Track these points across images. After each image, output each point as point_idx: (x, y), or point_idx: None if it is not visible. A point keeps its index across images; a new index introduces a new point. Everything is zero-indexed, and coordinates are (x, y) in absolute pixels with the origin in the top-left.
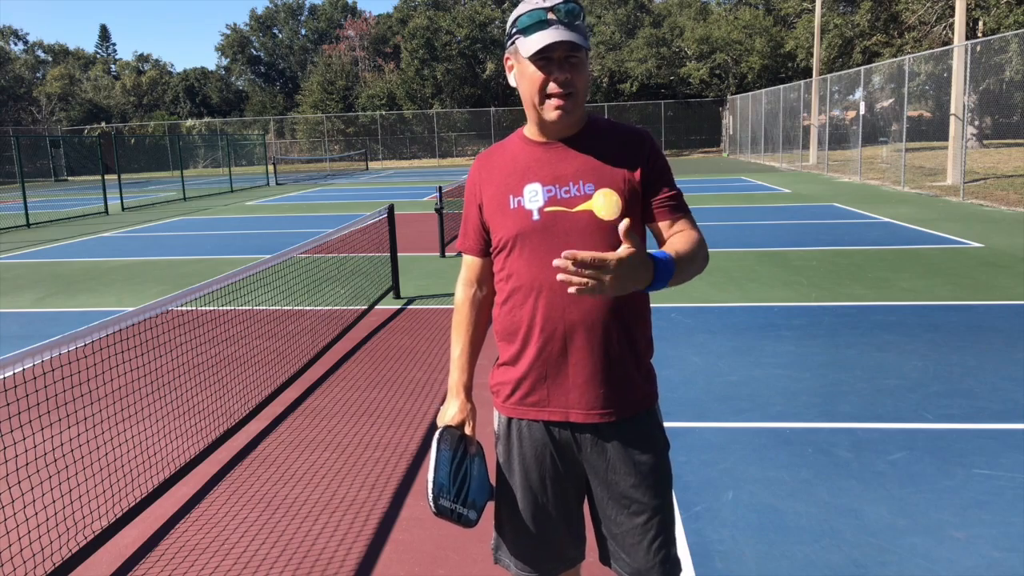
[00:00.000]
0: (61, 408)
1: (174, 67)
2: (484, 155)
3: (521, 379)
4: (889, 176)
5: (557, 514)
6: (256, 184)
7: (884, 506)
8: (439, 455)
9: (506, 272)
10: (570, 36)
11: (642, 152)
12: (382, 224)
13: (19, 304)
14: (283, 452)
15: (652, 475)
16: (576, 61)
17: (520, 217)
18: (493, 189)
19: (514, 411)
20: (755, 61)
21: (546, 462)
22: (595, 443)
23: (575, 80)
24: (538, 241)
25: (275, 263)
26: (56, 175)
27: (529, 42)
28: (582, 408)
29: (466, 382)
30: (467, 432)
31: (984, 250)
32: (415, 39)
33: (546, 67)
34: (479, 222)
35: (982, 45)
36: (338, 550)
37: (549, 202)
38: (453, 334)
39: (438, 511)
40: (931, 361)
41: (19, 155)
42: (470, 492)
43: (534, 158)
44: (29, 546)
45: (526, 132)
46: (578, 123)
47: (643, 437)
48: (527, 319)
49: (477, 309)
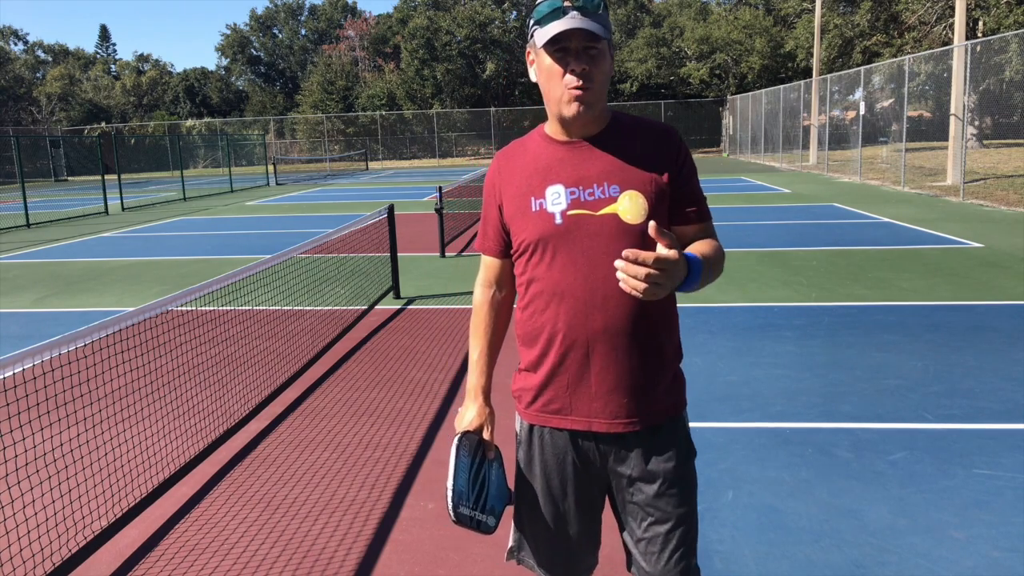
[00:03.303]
0: (61, 408)
1: (174, 67)
2: (503, 154)
3: (543, 386)
4: (889, 176)
5: (577, 522)
6: (256, 184)
7: (884, 506)
8: (458, 462)
9: (527, 276)
10: (587, 24)
11: (670, 152)
12: (382, 224)
13: (19, 304)
14: (283, 452)
15: (676, 484)
16: (595, 52)
17: (542, 221)
18: (513, 190)
19: (536, 418)
20: (755, 61)
21: (567, 470)
22: (618, 452)
23: (593, 72)
24: (561, 245)
25: (275, 263)
26: (56, 175)
27: (545, 31)
28: (605, 417)
29: (484, 386)
30: (485, 437)
31: (984, 250)
32: (415, 39)
33: (563, 58)
34: (499, 223)
35: (982, 45)
36: (338, 550)
37: (572, 205)
38: (471, 336)
39: (457, 519)
40: (931, 361)
41: (19, 155)
42: (489, 498)
43: (556, 158)
44: (29, 546)
45: (547, 130)
46: (601, 120)
47: (668, 446)
48: (549, 326)
49: (496, 311)
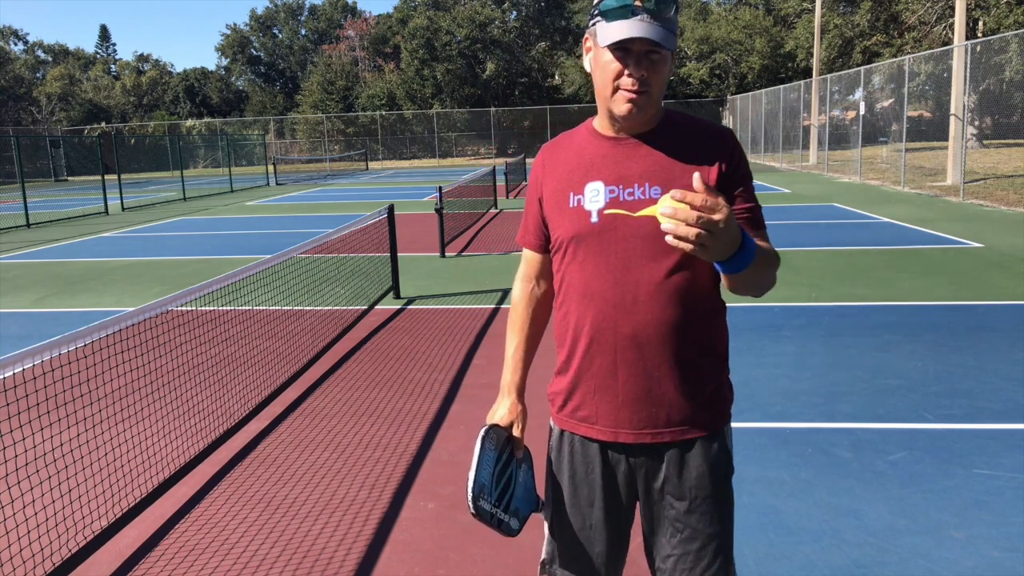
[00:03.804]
0: (61, 408)
1: (174, 67)
2: (549, 146)
3: (571, 390)
4: (889, 176)
5: (603, 536)
6: (256, 184)
7: (884, 506)
8: (483, 454)
9: (560, 274)
10: (654, 33)
11: (722, 154)
12: (382, 224)
13: (19, 304)
14: (283, 452)
15: (708, 501)
16: (657, 58)
17: (578, 218)
18: (554, 184)
19: (566, 424)
20: (755, 61)
21: (595, 481)
22: (648, 464)
23: (652, 78)
24: (594, 245)
25: (275, 263)
26: (56, 175)
27: (608, 30)
28: (631, 427)
29: (518, 382)
30: (515, 434)
31: (984, 250)
32: (415, 39)
33: (623, 59)
34: (539, 217)
35: (982, 45)
36: (338, 550)
37: (610, 204)
38: (508, 331)
39: (476, 513)
40: (931, 361)
41: (19, 155)
42: (514, 499)
43: (600, 154)
44: (29, 546)
45: (595, 124)
46: (652, 119)
47: (703, 461)
48: (576, 328)
49: (535, 306)
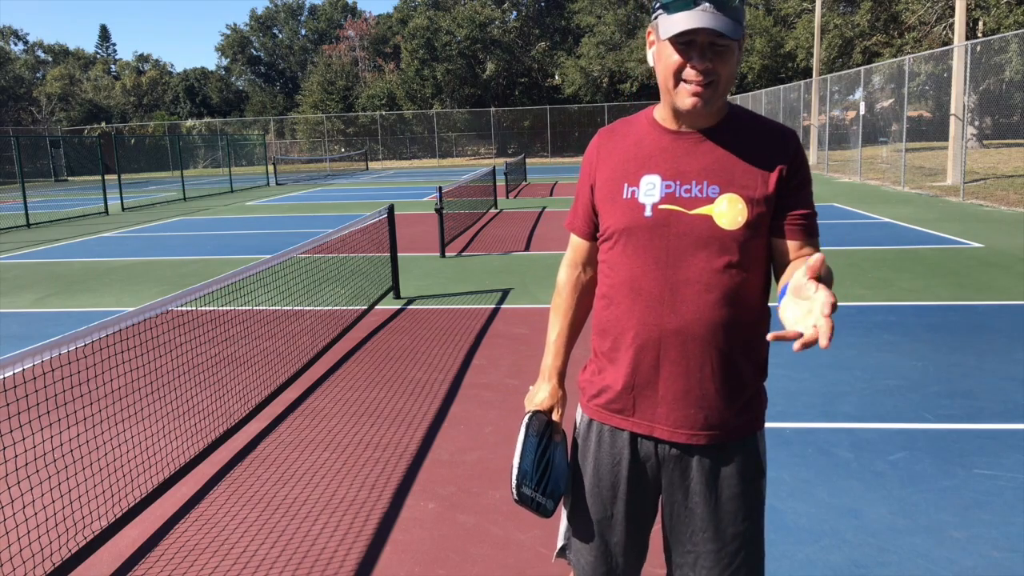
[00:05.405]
0: (61, 408)
1: (174, 67)
2: (606, 131)
3: (608, 381)
4: (889, 176)
5: (623, 530)
6: (256, 184)
7: (884, 506)
8: (526, 441)
9: (607, 265)
10: (717, 23)
11: (784, 156)
12: (382, 224)
13: (19, 304)
14: (283, 452)
15: (736, 501)
16: (722, 49)
17: (631, 210)
18: (608, 172)
19: (597, 413)
20: (755, 61)
21: (621, 473)
22: (679, 461)
23: (719, 69)
24: (646, 240)
25: (275, 263)
26: (56, 175)
27: (670, 23)
28: (669, 425)
29: (560, 367)
30: (554, 418)
31: (984, 250)
32: (415, 39)
33: (686, 51)
34: (590, 204)
35: (982, 45)
36: (338, 550)
37: (665, 199)
38: (551, 315)
39: (520, 499)
40: (931, 361)
41: (19, 155)
42: (551, 481)
43: (659, 147)
44: (29, 546)
45: (656, 115)
46: (716, 114)
47: (734, 462)
48: (621, 321)
49: (579, 292)
